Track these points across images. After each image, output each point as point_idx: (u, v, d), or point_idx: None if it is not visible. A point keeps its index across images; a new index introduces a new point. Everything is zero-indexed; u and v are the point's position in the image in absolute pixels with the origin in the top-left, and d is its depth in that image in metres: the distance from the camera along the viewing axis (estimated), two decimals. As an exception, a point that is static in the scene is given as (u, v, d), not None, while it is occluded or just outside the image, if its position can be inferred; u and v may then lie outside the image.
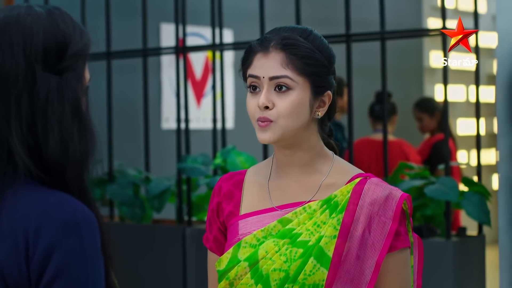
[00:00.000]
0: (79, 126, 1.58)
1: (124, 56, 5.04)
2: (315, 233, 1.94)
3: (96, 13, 5.27)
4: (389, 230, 1.93)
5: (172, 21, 5.34)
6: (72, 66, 1.59)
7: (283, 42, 1.96)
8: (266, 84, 1.95)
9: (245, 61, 2.01)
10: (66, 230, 1.47)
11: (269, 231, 1.98)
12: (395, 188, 1.98)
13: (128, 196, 4.64)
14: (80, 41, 1.61)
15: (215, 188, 2.12)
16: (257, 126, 1.96)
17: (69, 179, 1.55)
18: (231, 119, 7.19)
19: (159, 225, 4.69)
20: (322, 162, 2.03)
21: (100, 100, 5.09)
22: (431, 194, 3.66)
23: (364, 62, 6.53)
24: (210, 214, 2.11)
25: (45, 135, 1.54)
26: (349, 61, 4.03)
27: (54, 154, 1.54)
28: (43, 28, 1.57)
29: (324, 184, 2.00)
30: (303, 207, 1.98)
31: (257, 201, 2.05)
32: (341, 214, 1.94)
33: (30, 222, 1.48)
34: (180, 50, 4.67)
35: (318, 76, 1.97)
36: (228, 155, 4.34)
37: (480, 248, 3.89)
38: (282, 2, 6.61)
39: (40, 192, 1.52)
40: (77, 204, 1.51)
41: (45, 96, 1.55)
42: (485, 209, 3.70)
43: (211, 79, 7.13)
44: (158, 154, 5.91)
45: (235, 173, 2.13)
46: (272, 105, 1.95)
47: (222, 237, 2.09)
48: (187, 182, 4.54)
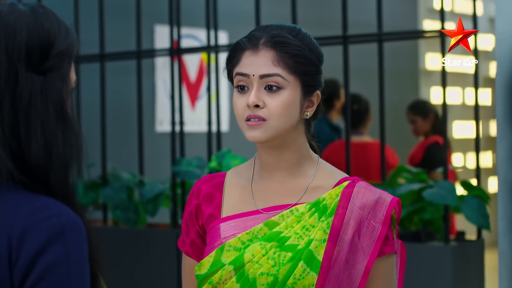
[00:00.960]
0: (63, 128, 1.52)
1: (117, 58, 5.02)
2: (304, 236, 1.90)
3: (89, 14, 5.24)
4: (378, 234, 1.90)
5: (166, 23, 5.31)
6: (57, 66, 1.53)
7: (274, 40, 1.91)
8: (256, 82, 1.90)
9: (231, 59, 1.95)
10: (51, 236, 1.42)
11: (254, 234, 1.93)
12: (385, 192, 1.95)
13: (121, 200, 4.60)
14: (65, 40, 1.55)
15: (194, 190, 2.05)
16: (246, 125, 1.90)
17: (53, 183, 1.50)
18: (225, 122, 7.14)
19: (153, 229, 4.65)
20: (308, 164, 1.98)
21: (94, 103, 5.05)
22: (430, 198, 3.62)
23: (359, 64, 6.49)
24: (188, 217, 2.04)
25: (28, 137, 1.48)
26: (346, 63, 3.99)
27: (37, 158, 1.48)
28: (27, 27, 1.51)
29: (310, 187, 1.96)
30: (290, 210, 1.93)
31: (240, 204, 1.99)
32: (331, 217, 1.90)
33: (14, 227, 1.42)
34: (174, 52, 4.64)
35: (309, 75, 1.93)
36: (223, 158, 4.30)
37: (479, 252, 3.85)
38: (278, 4, 6.58)
39: (23, 197, 1.47)
40: (62, 208, 1.46)
41: (28, 97, 1.49)
42: (484, 213, 3.66)
43: (205, 81, 7.10)
44: (152, 157, 5.88)
45: (214, 175, 2.06)
46: (263, 104, 1.89)
47: (200, 240, 2.03)
48: (182, 185, 4.51)
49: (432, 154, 5.81)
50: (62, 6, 5.39)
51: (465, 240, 3.89)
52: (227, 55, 1.97)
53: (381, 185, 3.87)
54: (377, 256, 1.90)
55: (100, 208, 4.83)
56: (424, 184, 3.77)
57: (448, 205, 3.74)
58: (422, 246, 3.73)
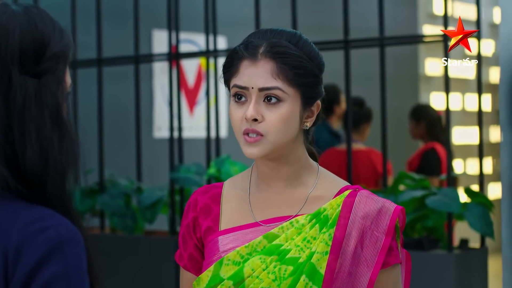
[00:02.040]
0: (59, 134, 1.45)
1: (115, 63, 4.98)
2: (305, 249, 1.83)
3: (87, 19, 5.21)
4: (382, 245, 1.83)
5: (164, 27, 5.27)
6: (52, 68, 1.46)
7: (274, 50, 1.82)
8: (255, 95, 1.82)
9: (228, 68, 1.87)
10: (49, 248, 1.35)
11: (254, 247, 1.86)
12: (388, 201, 1.88)
13: (119, 207, 4.56)
14: (60, 42, 1.48)
15: (190, 202, 1.97)
16: (243, 140, 1.83)
17: (50, 192, 1.43)
18: (224, 128, 7.09)
19: (151, 236, 4.60)
20: (308, 174, 1.92)
21: (91, 108, 5.01)
22: (433, 205, 3.56)
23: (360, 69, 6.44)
24: (185, 230, 1.97)
25: (22, 143, 1.41)
26: (347, 68, 3.93)
27: (32, 165, 1.41)
28: (20, 27, 1.44)
29: (311, 197, 1.89)
30: (290, 221, 1.86)
31: (238, 216, 1.91)
32: (333, 228, 1.83)
33: (10, 240, 1.36)
34: (173, 57, 4.60)
35: (309, 87, 1.85)
36: (222, 165, 4.26)
37: (483, 260, 3.80)
38: (278, 8, 6.53)
39: (19, 207, 1.40)
40: (60, 220, 1.39)
41: (22, 101, 1.42)
42: (488, 220, 3.60)
43: (203, 86, 7.06)
44: (150, 164, 5.83)
45: (211, 186, 1.99)
46: (261, 118, 1.82)
47: (198, 254, 1.96)
48: (180, 192, 4.47)
49: (427, 161, 5.78)
50: (59, 10, 5.34)
51: (469, 248, 3.84)
52: (224, 62, 1.89)
53: (383, 192, 3.81)
54: (381, 268, 1.83)
55: (97, 215, 4.79)
56: (427, 191, 3.71)
57: (451, 213, 3.68)
58: (425, 254, 3.67)
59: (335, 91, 5.45)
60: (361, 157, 5.30)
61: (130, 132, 5.32)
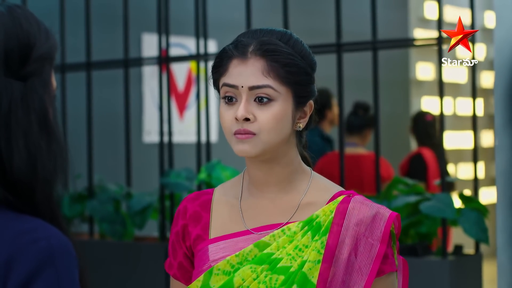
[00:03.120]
0: (47, 139, 1.39)
1: (104, 67, 4.94)
2: (297, 258, 1.77)
3: (76, 22, 5.17)
4: (377, 253, 1.77)
5: (154, 31, 5.23)
6: (38, 71, 1.40)
7: (264, 48, 1.77)
8: (245, 94, 1.77)
9: (217, 68, 1.82)
10: (40, 261, 1.29)
11: (244, 256, 1.80)
12: (382, 207, 1.82)
13: (108, 213, 4.51)
14: (46, 43, 1.42)
15: (180, 209, 1.92)
16: (234, 139, 1.78)
17: (39, 201, 1.36)
18: (215, 132, 7.04)
19: (141, 242, 4.55)
20: (300, 179, 1.86)
21: (80, 113, 4.97)
22: (427, 211, 3.51)
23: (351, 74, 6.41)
24: (175, 238, 1.91)
25: (9, 150, 1.35)
26: (340, 72, 3.89)
27: (20, 172, 1.35)
28: (4, 28, 1.38)
29: (303, 203, 1.83)
30: (281, 229, 1.80)
31: (229, 223, 1.86)
32: (325, 236, 1.77)
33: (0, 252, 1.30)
34: (163, 61, 4.56)
35: (301, 85, 1.80)
36: (213, 170, 4.21)
37: (477, 267, 3.76)
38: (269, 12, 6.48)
39: (7, 218, 1.34)
40: (51, 231, 1.33)
41: (8, 106, 1.36)
42: (482, 226, 3.56)
43: (193, 91, 7.03)
44: (140, 169, 5.78)
45: (201, 192, 1.93)
46: (253, 118, 1.77)
47: (188, 263, 1.90)
48: (170, 198, 4.42)
49: (413, 166, 5.78)
50: (48, 12, 5.29)
51: (463, 254, 3.79)
52: (213, 63, 1.84)
53: (376, 197, 3.77)
54: (376, 276, 1.77)
55: (86, 221, 4.74)
56: (421, 197, 3.67)
57: (445, 219, 3.64)
58: (418, 260, 3.63)
59: (327, 96, 5.41)
60: (364, 162, 5.26)
61: (120, 137, 5.28)
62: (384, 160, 5.37)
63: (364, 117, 5.45)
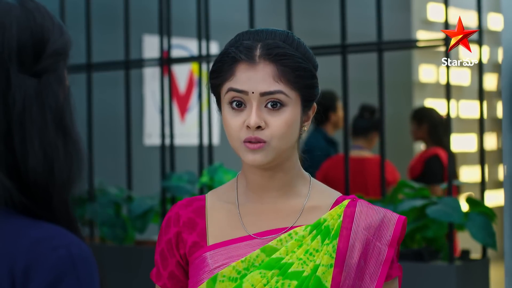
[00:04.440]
0: (64, 139, 1.30)
1: (105, 69, 4.90)
2: (308, 262, 1.73)
3: (76, 23, 5.12)
4: (385, 257, 1.75)
5: (155, 32, 5.18)
6: (53, 67, 1.32)
7: (274, 52, 1.71)
8: (256, 100, 1.71)
9: (220, 72, 1.75)
10: (61, 271, 1.21)
11: (251, 261, 1.74)
12: (389, 210, 1.80)
13: (109, 216, 4.47)
14: (60, 38, 1.34)
15: (171, 216, 1.84)
16: (243, 147, 1.72)
17: (56, 205, 1.28)
18: (216, 135, 6.99)
19: (142, 246, 4.50)
20: (301, 184, 1.82)
21: (80, 115, 4.91)
22: (434, 215, 3.45)
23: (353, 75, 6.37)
24: (166, 247, 1.83)
25: (24, 150, 1.27)
26: (345, 73, 3.84)
27: (36, 175, 1.27)
28: (17, 21, 1.30)
29: (307, 208, 1.79)
30: (288, 233, 1.76)
31: (228, 229, 1.80)
32: (336, 240, 1.74)
33: (17, 261, 1.21)
34: (165, 62, 4.51)
35: (309, 89, 1.75)
36: (215, 173, 4.16)
37: (484, 272, 3.70)
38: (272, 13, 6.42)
39: (23, 224, 1.25)
40: (70, 238, 1.25)
41: (22, 104, 1.27)
42: (490, 231, 3.49)
43: (195, 93, 6.98)
44: (141, 172, 5.73)
45: (192, 199, 1.86)
46: (264, 125, 1.71)
47: (180, 272, 1.83)
48: (172, 201, 4.38)
49: (431, 168, 5.60)
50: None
51: (470, 259, 3.73)
52: (215, 67, 1.77)
53: (381, 201, 3.71)
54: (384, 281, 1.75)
55: (87, 225, 4.68)
56: (427, 201, 3.60)
57: (452, 223, 3.58)
58: (425, 265, 3.57)
59: (331, 98, 5.34)
60: (370, 166, 5.18)
61: (120, 139, 5.24)
62: (389, 164, 5.30)
63: (370, 120, 5.38)
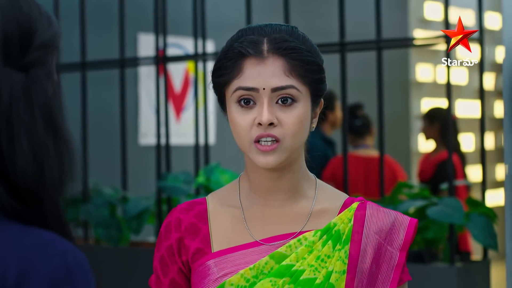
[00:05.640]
0: (54, 138, 1.23)
1: (100, 67, 4.85)
2: (320, 269, 1.65)
3: (70, 21, 5.08)
4: (397, 262, 1.69)
5: (151, 31, 5.14)
6: (41, 60, 1.23)
7: (284, 46, 1.64)
8: (267, 96, 1.63)
9: (226, 69, 1.66)
10: (57, 280, 1.15)
11: (260, 269, 1.66)
12: (399, 213, 1.73)
13: (104, 217, 4.41)
14: (48, 29, 1.26)
15: (172, 221, 1.75)
16: (254, 149, 1.64)
17: (48, 209, 1.21)
18: (213, 134, 6.93)
19: (137, 248, 4.45)
20: (308, 186, 1.74)
21: (74, 114, 4.88)
22: (434, 216, 3.40)
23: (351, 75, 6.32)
24: (166, 253, 1.74)
25: (11, 151, 1.18)
26: (343, 72, 3.79)
27: (25, 176, 1.19)
28: (1, 10, 1.22)
29: (315, 211, 1.72)
30: (297, 239, 1.68)
31: (233, 235, 1.72)
32: (348, 245, 1.67)
33: (9, 270, 1.15)
34: (160, 60, 4.45)
35: (318, 84, 1.68)
36: (211, 173, 4.10)
37: (485, 273, 3.65)
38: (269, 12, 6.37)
39: (14, 230, 1.18)
40: (65, 245, 1.18)
41: (8, 100, 1.19)
42: (491, 232, 3.44)
43: (190, 92, 6.93)
44: (136, 172, 5.68)
45: (192, 202, 1.77)
46: (277, 122, 1.63)
47: (182, 280, 1.74)
48: (168, 202, 4.32)
49: (444, 171, 5.49)
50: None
51: (471, 261, 3.68)
52: (219, 64, 1.68)
53: (381, 201, 3.65)
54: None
55: (81, 226, 4.64)
56: (428, 201, 3.55)
57: (453, 224, 3.52)
58: (425, 267, 3.51)
59: (330, 97, 5.28)
60: (377, 165, 5.11)
61: (115, 139, 5.18)
62: (396, 163, 5.25)
63: (365, 116, 5.32)
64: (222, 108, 1.73)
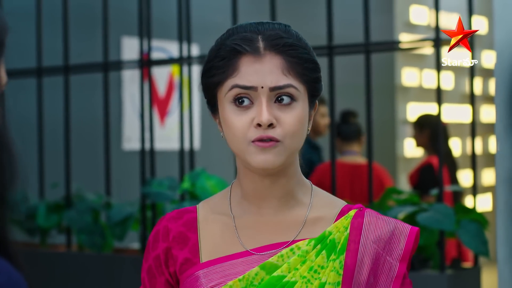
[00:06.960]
0: None
1: (83, 71, 4.78)
2: (313, 280, 1.57)
3: (53, 23, 5.01)
4: (396, 273, 1.61)
5: (135, 34, 5.06)
6: None
7: (281, 43, 1.57)
8: (265, 96, 1.56)
9: (221, 68, 1.59)
10: None
11: (249, 280, 1.59)
12: (400, 221, 1.65)
13: (87, 223, 4.34)
14: None
15: (160, 230, 1.69)
16: (253, 148, 1.56)
17: None
18: (197, 139, 6.86)
19: (121, 255, 4.38)
20: (303, 192, 1.66)
21: (57, 118, 4.82)
22: (424, 223, 3.34)
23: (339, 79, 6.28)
24: (154, 264, 1.67)
25: None
26: (331, 76, 3.73)
27: None
28: None
29: (309, 219, 1.64)
30: (290, 248, 1.60)
31: (223, 245, 1.64)
32: (343, 255, 1.59)
33: None
34: (144, 64, 4.38)
35: (316, 83, 1.62)
36: (197, 179, 4.03)
37: (476, 280, 3.59)
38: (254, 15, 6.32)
39: None
40: (0, 265, 1.08)
41: None
42: (483, 238, 3.38)
43: (175, 96, 6.86)
44: (120, 177, 5.62)
45: (182, 210, 1.71)
46: (275, 122, 1.56)
47: None
48: (152, 208, 4.24)
49: (424, 177, 5.52)
50: (24, 14, 5.10)
51: (461, 268, 3.62)
52: (210, 64, 1.61)
53: (369, 208, 3.59)
54: None
55: (64, 232, 4.57)
56: (417, 208, 3.49)
57: (443, 230, 3.47)
58: (415, 274, 3.45)
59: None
60: (364, 172, 5.05)
61: (99, 144, 5.13)
62: (383, 170, 5.20)
63: (356, 124, 5.28)
64: (211, 111, 1.66)
